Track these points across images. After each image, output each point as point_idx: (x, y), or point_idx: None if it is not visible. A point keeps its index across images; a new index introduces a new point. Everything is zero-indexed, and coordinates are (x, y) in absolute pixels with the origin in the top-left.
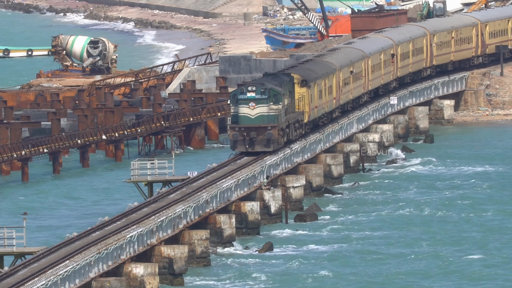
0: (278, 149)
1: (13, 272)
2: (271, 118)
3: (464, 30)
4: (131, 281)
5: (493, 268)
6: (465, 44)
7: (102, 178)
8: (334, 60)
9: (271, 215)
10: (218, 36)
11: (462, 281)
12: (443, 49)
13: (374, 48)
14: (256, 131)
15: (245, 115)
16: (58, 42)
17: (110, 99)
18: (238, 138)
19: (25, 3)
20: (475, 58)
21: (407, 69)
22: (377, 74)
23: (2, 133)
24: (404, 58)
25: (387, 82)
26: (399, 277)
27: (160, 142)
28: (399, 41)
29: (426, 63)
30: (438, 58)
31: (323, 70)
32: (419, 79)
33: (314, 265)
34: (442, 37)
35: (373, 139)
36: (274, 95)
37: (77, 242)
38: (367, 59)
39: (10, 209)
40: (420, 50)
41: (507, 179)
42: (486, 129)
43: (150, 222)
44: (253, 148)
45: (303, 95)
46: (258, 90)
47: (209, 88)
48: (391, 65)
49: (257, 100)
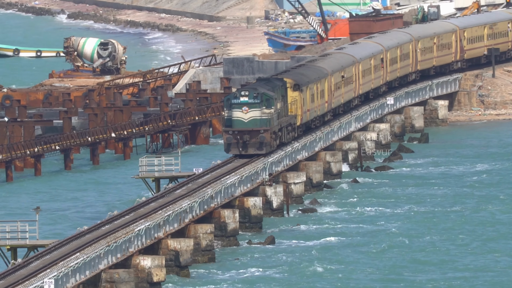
0: (271, 151)
1: (26, 264)
2: (263, 122)
3: (445, 36)
4: (139, 273)
5: (490, 257)
6: (445, 50)
7: (111, 174)
8: (326, 65)
9: (273, 210)
10: (222, 39)
11: (461, 272)
12: (426, 55)
13: (365, 54)
14: (249, 135)
15: (238, 119)
16: (69, 43)
17: (119, 99)
18: (232, 141)
19: (38, 6)
20: (454, 63)
21: (396, 74)
22: (368, 78)
23: (15, 130)
24: (393, 63)
25: (377, 87)
26: (399, 268)
27: (167, 140)
28: (388, 46)
29: (412, 68)
30: (422, 63)
31: (315, 75)
32: (405, 83)
33: (314, 257)
34: (425, 43)
35: (370, 138)
36: (267, 99)
37: (87, 235)
38: (357, 64)
39: (23, 203)
40: (407, 56)
41: (501, 176)
42: (478, 128)
43: (157, 217)
44: (246, 151)
45: (295, 99)
46: (251, 94)
47: (213, 88)
48: (380, 70)
49: (250, 104)
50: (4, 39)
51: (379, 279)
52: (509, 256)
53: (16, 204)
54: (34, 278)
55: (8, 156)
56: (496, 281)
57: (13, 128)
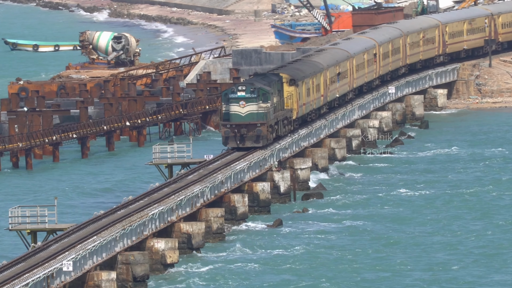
0: (268, 144)
1: (46, 246)
2: (260, 116)
3: (429, 31)
4: (153, 255)
5: (495, 238)
6: (430, 44)
7: (126, 161)
8: (322, 60)
9: (280, 194)
10: (231, 31)
11: (465, 256)
12: (414, 49)
13: (358, 49)
14: (247, 128)
15: (236, 113)
16: (85, 37)
17: (133, 89)
18: (230, 135)
19: (55, 1)
20: (437, 57)
21: (388, 68)
22: (361, 73)
23: (35, 120)
24: (385, 58)
25: (370, 80)
26: (402, 248)
27: (179, 128)
28: (380, 41)
29: (402, 61)
30: (411, 57)
31: (311, 70)
32: (396, 77)
33: (320, 239)
34: (413, 37)
35: (373, 125)
36: (263, 94)
37: (103, 219)
38: (351, 59)
39: (42, 189)
40: (397, 50)
41: (493, 159)
42: (476, 115)
43: (170, 201)
44: (243, 144)
45: (291, 93)
46: (247, 89)
47: (223, 79)
48: (373, 64)
49: (247, 99)
50: (24, 35)
51: (383, 263)
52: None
53: (36, 190)
54: (53, 260)
55: (27, 144)
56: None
57: (32, 117)
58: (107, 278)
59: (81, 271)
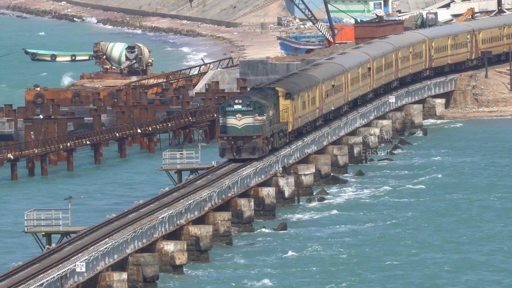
0: (263, 156)
1: (60, 248)
2: (256, 128)
3: (418, 46)
4: (163, 257)
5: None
6: (418, 58)
7: (137, 166)
8: (317, 74)
9: (285, 199)
10: (239, 43)
11: (468, 252)
12: (404, 63)
13: (353, 63)
14: (243, 140)
15: (232, 125)
16: (99, 47)
17: (144, 98)
18: (227, 147)
19: (70, 14)
20: (424, 71)
21: (381, 81)
22: (356, 86)
23: (50, 127)
24: (379, 72)
25: (365, 93)
26: (403, 255)
27: (188, 135)
28: (374, 56)
29: (394, 75)
30: (402, 71)
31: (306, 83)
32: (389, 90)
33: (323, 242)
34: (403, 52)
35: (374, 133)
36: (259, 107)
37: (115, 222)
38: (346, 73)
39: (57, 193)
40: (390, 64)
41: (492, 166)
42: (473, 124)
43: (180, 205)
44: (240, 155)
45: (287, 106)
46: (244, 102)
47: (230, 88)
48: (368, 77)
49: (243, 112)
50: (42, 45)
51: (388, 266)
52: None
53: (50, 194)
54: (67, 262)
55: (43, 150)
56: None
57: (48, 124)
58: (119, 278)
59: (94, 272)
